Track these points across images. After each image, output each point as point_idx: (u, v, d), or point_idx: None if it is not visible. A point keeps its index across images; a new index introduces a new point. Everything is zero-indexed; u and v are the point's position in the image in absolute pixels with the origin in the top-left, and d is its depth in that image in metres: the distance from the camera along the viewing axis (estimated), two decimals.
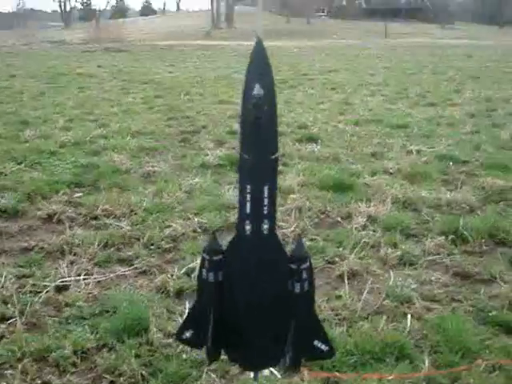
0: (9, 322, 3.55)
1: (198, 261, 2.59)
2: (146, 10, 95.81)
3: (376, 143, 8.31)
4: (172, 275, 4.14)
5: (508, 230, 4.99)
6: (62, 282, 4.08)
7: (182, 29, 47.21)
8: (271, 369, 2.82)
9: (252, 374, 2.33)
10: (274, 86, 1.87)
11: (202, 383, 2.99)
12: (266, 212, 1.99)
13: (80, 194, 6.04)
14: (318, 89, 14.38)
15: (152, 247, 4.71)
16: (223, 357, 2.49)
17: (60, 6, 73.21)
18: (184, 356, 3.19)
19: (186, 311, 3.55)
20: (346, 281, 4.06)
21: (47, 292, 3.90)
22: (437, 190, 6.06)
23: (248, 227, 2.00)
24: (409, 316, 3.64)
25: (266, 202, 1.97)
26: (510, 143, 8.31)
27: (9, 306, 3.70)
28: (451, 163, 7.18)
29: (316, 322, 2.17)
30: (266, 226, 2.00)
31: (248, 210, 1.98)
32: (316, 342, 2.14)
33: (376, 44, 34.08)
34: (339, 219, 5.30)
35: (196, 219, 5.21)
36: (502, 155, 7.59)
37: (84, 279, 4.12)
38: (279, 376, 2.90)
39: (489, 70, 18.67)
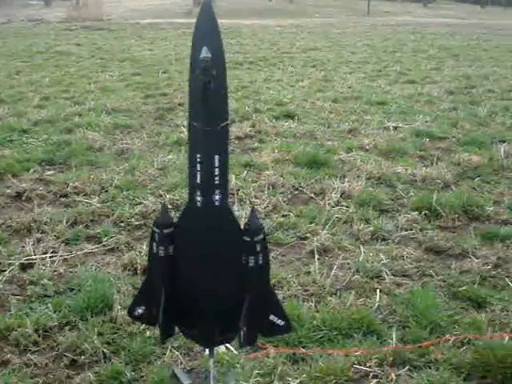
0: None
1: None
2: None
3: (353, 120, 8.23)
4: (140, 252, 4.06)
5: (482, 205, 4.97)
6: (28, 259, 4.00)
7: (164, 7, 46.60)
8: (227, 345, 2.76)
9: (207, 351, 2.27)
10: (222, 49, 1.78)
11: (166, 360, 2.94)
12: (217, 182, 1.91)
13: (51, 172, 5.94)
14: (297, 67, 14.22)
15: (121, 224, 4.64)
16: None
17: None
18: (148, 333, 3.13)
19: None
20: (317, 256, 4.01)
21: (11, 270, 3.83)
22: (412, 166, 6.02)
23: (199, 198, 1.93)
24: (378, 291, 3.61)
25: (217, 171, 1.90)
26: (487, 120, 8.27)
27: None
28: (427, 139, 7.13)
29: (272, 297, 2.11)
30: (217, 197, 1.93)
31: (198, 181, 1.91)
32: (272, 317, 2.08)
33: (358, 22, 33.84)
34: (312, 195, 5.25)
35: (168, 196, 5.13)
36: (479, 132, 7.55)
37: (50, 257, 4.04)
38: (235, 352, 2.84)
39: (469, 48, 18.60)
